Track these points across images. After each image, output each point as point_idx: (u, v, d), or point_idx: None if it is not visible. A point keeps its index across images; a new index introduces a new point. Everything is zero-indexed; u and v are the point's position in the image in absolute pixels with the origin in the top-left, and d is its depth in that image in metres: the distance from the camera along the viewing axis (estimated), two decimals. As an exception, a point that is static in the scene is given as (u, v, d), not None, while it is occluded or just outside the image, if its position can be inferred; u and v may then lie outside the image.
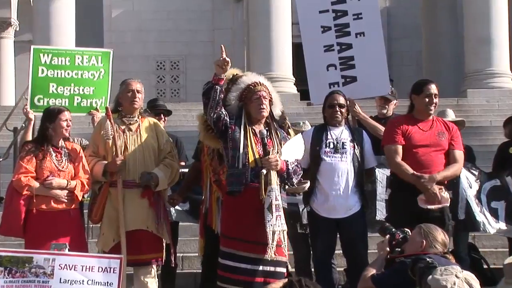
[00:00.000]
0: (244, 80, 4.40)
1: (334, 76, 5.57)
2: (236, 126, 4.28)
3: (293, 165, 4.34)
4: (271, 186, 4.15)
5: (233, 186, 4.19)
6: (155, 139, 4.78)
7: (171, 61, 19.07)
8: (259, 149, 4.26)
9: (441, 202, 4.60)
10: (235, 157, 4.22)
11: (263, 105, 4.31)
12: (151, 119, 4.91)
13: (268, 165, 4.19)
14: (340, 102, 4.87)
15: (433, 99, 4.74)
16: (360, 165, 4.79)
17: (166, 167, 4.75)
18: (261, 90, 4.34)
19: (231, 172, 4.21)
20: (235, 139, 4.23)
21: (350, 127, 4.95)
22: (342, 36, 5.58)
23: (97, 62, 5.87)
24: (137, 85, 4.79)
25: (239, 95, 4.35)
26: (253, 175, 4.20)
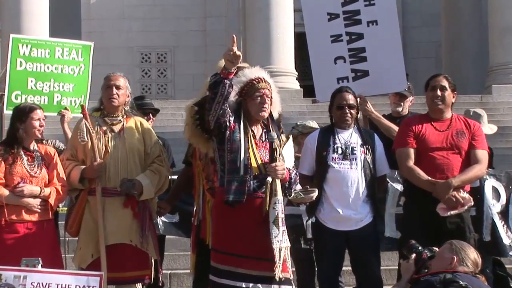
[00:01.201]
0: (246, 73, 4.38)
1: (343, 70, 5.57)
2: (236, 125, 4.25)
3: (293, 173, 4.36)
4: (277, 197, 4.14)
5: (234, 195, 4.16)
6: (141, 141, 4.79)
7: (157, 53, 19.08)
8: (261, 154, 4.25)
9: (463, 204, 4.60)
10: (235, 161, 4.19)
11: (266, 105, 4.30)
12: (138, 118, 4.91)
13: (274, 173, 4.16)
14: (349, 102, 4.86)
15: (438, 92, 4.73)
16: (372, 173, 4.79)
17: (153, 173, 4.75)
18: (264, 88, 4.33)
19: (231, 179, 4.18)
20: (235, 140, 4.21)
21: (360, 129, 4.95)
22: (351, 24, 5.57)
23: (77, 56, 5.88)
24: (118, 80, 4.79)
25: (239, 89, 4.34)
26: (256, 184, 4.19)
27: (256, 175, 4.19)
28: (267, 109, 4.33)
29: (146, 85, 19.00)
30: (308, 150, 4.89)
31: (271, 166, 4.17)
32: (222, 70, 4.18)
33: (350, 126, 4.87)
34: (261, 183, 4.18)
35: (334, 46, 5.61)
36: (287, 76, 14.45)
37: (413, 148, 4.74)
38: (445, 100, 4.77)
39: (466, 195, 4.62)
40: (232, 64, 4.14)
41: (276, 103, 4.48)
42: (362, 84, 5.50)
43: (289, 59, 14.46)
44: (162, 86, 19.08)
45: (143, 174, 4.71)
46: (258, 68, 4.44)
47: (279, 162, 4.18)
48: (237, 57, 4.12)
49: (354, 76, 5.58)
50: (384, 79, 5.55)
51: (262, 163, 4.21)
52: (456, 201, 4.57)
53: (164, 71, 19.09)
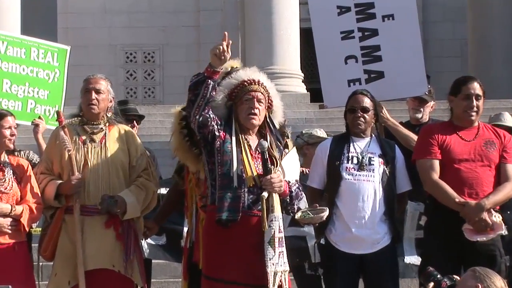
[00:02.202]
0: (240, 75, 4.39)
1: (355, 71, 5.57)
2: (226, 134, 4.27)
3: (295, 187, 4.38)
4: (274, 214, 4.15)
5: (227, 213, 4.17)
6: (126, 153, 4.80)
7: (144, 52, 19.12)
8: (257, 167, 4.26)
9: (494, 230, 4.60)
10: (228, 175, 4.20)
11: (255, 110, 4.30)
12: (122, 126, 4.93)
13: (270, 187, 4.18)
14: (363, 105, 4.87)
15: (474, 101, 4.75)
16: (392, 187, 4.79)
17: (139, 188, 4.77)
18: (256, 91, 4.33)
19: (223, 195, 4.20)
20: (226, 152, 4.23)
21: (380, 138, 4.95)
22: (365, 19, 5.58)
23: (53, 60, 5.93)
24: (98, 83, 4.81)
25: (229, 92, 4.36)
26: (251, 200, 4.22)
27: (251, 189, 4.21)
28: (257, 115, 4.33)
29: (131, 88, 19.02)
30: (318, 160, 4.90)
31: (266, 179, 4.18)
32: (206, 68, 4.19)
33: (366, 134, 4.89)
34: (257, 198, 4.20)
35: (344, 44, 5.61)
36: (292, 78, 14.46)
37: (437, 160, 4.74)
38: (479, 110, 4.79)
39: (498, 219, 4.61)
40: (219, 61, 4.15)
41: (277, 111, 4.48)
42: (377, 87, 5.49)
43: (294, 59, 14.47)
44: (149, 90, 19.10)
45: (128, 190, 4.72)
46: (254, 69, 4.45)
47: (274, 174, 4.20)
48: (225, 53, 4.12)
49: (368, 77, 5.58)
50: (402, 81, 5.56)
51: (258, 176, 4.23)
52: (485, 225, 4.57)
53: (152, 72, 19.11)
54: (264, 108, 4.37)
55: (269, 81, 4.48)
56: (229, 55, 4.19)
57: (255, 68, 4.46)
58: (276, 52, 14.21)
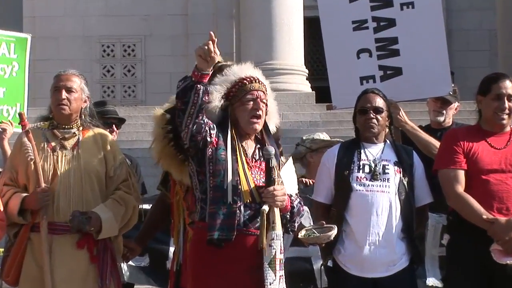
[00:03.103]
0: (236, 71, 4.40)
1: (368, 66, 5.59)
2: (219, 140, 4.28)
3: (296, 202, 4.39)
4: (275, 232, 4.16)
5: (220, 231, 4.17)
6: (102, 161, 4.80)
7: (123, 45, 19.14)
8: (255, 177, 4.28)
9: None
10: (221, 187, 4.21)
11: (259, 112, 4.32)
12: (99, 131, 4.93)
13: (272, 200, 4.18)
14: (375, 105, 4.89)
15: (505, 102, 4.78)
16: (410, 199, 4.80)
17: (117, 203, 4.76)
18: (259, 90, 4.36)
19: (215, 210, 4.20)
20: (220, 160, 4.24)
21: (395, 143, 4.97)
22: (380, 7, 5.60)
23: (9, 51, 5.90)
24: (70, 80, 4.82)
25: (225, 91, 4.36)
26: (248, 216, 4.22)
27: (247, 204, 4.22)
28: (262, 118, 4.35)
29: (109, 86, 19.04)
30: (325, 169, 4.91)
31: (268, 191, 4.18)
32: (193, 72, 4.19)
33: (379, 139, 4.90)
34: (254, 214, 4.20)
35: (356, 36, 5.62)
36: (294, 75, 14.50)
37: (462, 170, 4.76)
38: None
39: None
40: (205, 63, 4.15)
41: (272, 113, 4.48)
42: (393, 85, 5.51)
43: (297, 53, 14.51)
44: (129, 88, 19.12)
45: (103, 205, 4.72)
46: (249, 65, 4.46)
47: (278, 186, 4.20)
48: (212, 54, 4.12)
49: (383, 74, 5.59)
50: (422, 79, 5.56)
51: (256, 188, 4.24)
52: None
53: (132, 68, 19.12)
54: (265, 110, 4.39)
55: (265, 78, 4.50)
56: (218, 55, 4.19)
57: (250, 65, 4.47)
58: (276, 45, 14.25)
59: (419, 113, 8.75)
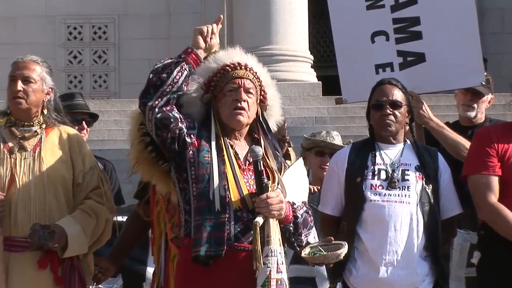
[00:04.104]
0: (220, 57, 4.41)
1: (385, 52, 5.60)
2: (202, 140, 4.30)
3: (302, 211, 4.40)
4: (271, 247, 4.16)
5: (207, 247, 4.20)
6: (69, 165, 4.79)
7: (93, 26, 19.12)
8: (247, 182, 4.29)
9: None
10: (205, 195, 4.22)
11: (241, 103, 4.33)
12: (66, 129, 4.92)
13: (266, 210, 4.19)
14: (393, 98, 4.90)
15: None
16: (434, 210, 4.81)
17: (86, 215, 4.76)
18: (242, 77, 4.37)
19: (201, 222, 4.22)
20: (203, 163, 4.26)
21: (417, 145, 4.97)
22: (398, -20, 5.64)
23: None
24: (28, 69, 4.81)
25: (206, 80, 4.37)
26: (240, 228, 4.23)
27: (238, 213, 4.23)
28: (246, 110, 4.35)
29: (75, 75, 19.02)
30: (333, 175, 4.92)
31: (261, 199, 4.19)
32: (185, 50, 4.23)
33: (398, 139, 4.90)
34: (247, 226, 4.22)
35: (371, 15, 5.64)
36: (297, 62, 14.50)
37: (496, 176, 4.76)
38: None
39: None
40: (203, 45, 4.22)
41: (273, 106, 4.50)
42: (415, 74, 5.51)
43: (301, 36, 14.51)
44: (100, 78, 19.11)
45: (70, 217, 4.72)
46: (238, 50, 4.47)
47: (272, 192, 4.21)
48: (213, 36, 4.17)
49: (402, 62, 5.60)
50: (449, 67, 5.57)
51: (250, 195, 4.26)
52: None
53: (104, 54, 19.11)
54: (254, 101, 4.40)
55: (261, 66, 4.51)
56: (217, 43, 4.23)
57: (240, 49, 4.47)
58: (275, 27, 14.25)
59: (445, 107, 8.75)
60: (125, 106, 13.60)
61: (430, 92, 5.72)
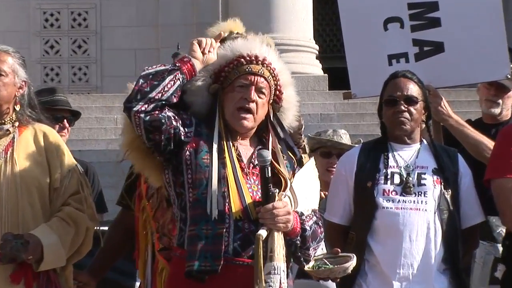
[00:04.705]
0: (237, 46, 4.40)
1: (399, 41, 5.63)
2: (200, 139, 4.31)
3: (311, 223, 4.40)
4: (274, 263, 4.16)
5: (202, 261, 4.20)
6: (45, 168, 4.80)
7: (72, 12, 19.18)
8: (250, 188, 4.30)
9: None
10: (202, 202, 4.23)
11: (249, 104, 4.33)
12: (42, 127, 4.91)
13: (270, 221, 4.18)
14: (408, 93, 4.92)
15: None
16: (454, 218, 4.83)
17: (64, 223, 4.75)
18: (257, 74, 4.36)
19: (196, 233, 4.23)
20: (201, 165, 4.27)
21: (434, 145, 4.99)
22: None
23: None
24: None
25: (217, 68, 4.37)
26: (240, 241, 4.23)
27: (239, 223, 4.24)
28: (253, 113, 4.34)
29: (52, 67, 19.10)
30: (341, 179, 4.95)
31: (266, 209, 4.18)
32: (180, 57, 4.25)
33: (413, 139, 4.92)
34: (248, 239, 4.22)
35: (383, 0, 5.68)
36: (300, 52, 14.54)
37: None
38: None
39: None
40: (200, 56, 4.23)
41: (288, 109, 4.49)
42: (432, 66, 5.54)
43: (304, 23, 14.55)
44: (80, 70, 19.18)
45: (46, 226, 4.72)
46: (259, 41, 4.46)
47: (279, 202, 4.20)
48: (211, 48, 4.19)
49: (419, 52, 5.63)
50: (471, 58, 5.59)
51: (253, 203, 4.26)
52: None
53: (84, 43, 19.19)
54: (265, 102, 4.38)
55: (281, 62, 4.50)
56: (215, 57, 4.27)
57: (261, 38, 4.47)
58: (276, 13, 14.29)
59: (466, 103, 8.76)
60: (108, 101, 13.63)
61: (450, 86, 5.72)
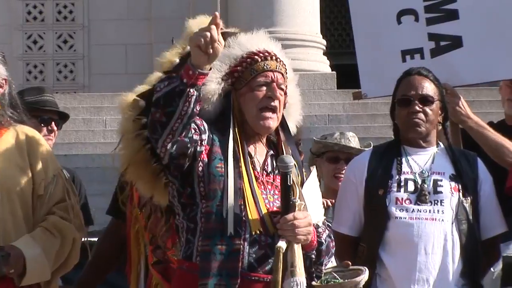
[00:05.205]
0: (243, 42, 4.42)
1: (414, 35, 5.65)
2: (213, 145, 4.31)
3: (325, 236, 4.45)
4: (296, 278, 4.18)
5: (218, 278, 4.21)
6: (29, 174, 4.81)
7: (57, 4, 19.20)
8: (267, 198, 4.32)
9: None
10: (217, 215, 4.24)
11: (274, 102, 4.37)
12: (24, 129, 4.92)
13: (291, 234, 4.20)
14: (424, 92, 4.94)
15: None
16: (474, 229, 4.84)
17: (49, 234, 4.77)
18: (275, 70, 4.41)
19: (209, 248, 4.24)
20: (215, 175, 4.29)
21: (452, 148, 5.00)
22: None
23: None
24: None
25: (228, 69, 4.38)
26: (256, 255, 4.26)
27: (256, 237, 4.25)
28: (278, 111, 4.39)
29: (36, 64, 19.12)
30: (350, 187, 4.98)
31: (286, 220, 4.20)
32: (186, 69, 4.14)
33: (429, 142, 4.95)
34: (265, 253, 4.26)
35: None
36: (306, 48, 14.57)
37: None
38: None
39: None
40: (205, 58, 4.13)
41: (293, 104, 4.54)
42: (450, 63, 5.57)
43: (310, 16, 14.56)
44: (65, 67, 19.19)
45: (29, 237, 4.74)
46: (263, 35, 4.48)
47: (300, 213, 4.21)
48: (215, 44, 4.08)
49: (435, 47, 5.65)
50: (491, 53, 5.60)
51: (268, 214, 4.28)
52: None
53: (70, 38, 19.19)
54: (283, 99, 4.42)
55: (285, 55, 4.53)
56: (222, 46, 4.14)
57: (264, 34, 4.48)
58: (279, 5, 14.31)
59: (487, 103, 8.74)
60: (96, 101, 13.64)
61: (469, 85, 5.70)
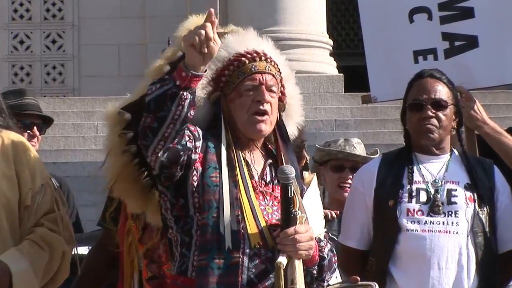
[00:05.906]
0: (230, 43, 4.43)
1: (427, 35, 5.65)
2: (207, 153, 4.34)
3: (327, 250, 4.48)
4: None
5: None
6: (14, 183, 4.81)
7: (45, 1, 19.11)
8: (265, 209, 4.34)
9: None
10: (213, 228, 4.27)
11: (264, 106, 4.39)
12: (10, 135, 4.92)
13: (291, 249, 4.23)
14: (436, 96, 4.96)
15: None
16: (490, 241, 4.85)
17: (37, 247, 4.76)
18: (264, 71, 4.43)
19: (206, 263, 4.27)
20: (210, 185, 4.32)
21: (467, 155, 5.01)
22: None
23: None
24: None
25: (214, 74, 4.40)
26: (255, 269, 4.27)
27: (255, 251, 4.27)
28: (269, 115, 4.39)
29: (22, 66, 19.03)
30: (357, 197, 4.98)
31: (287, 234, 4.23)
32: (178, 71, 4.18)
33: (442, 149, 4.96)
34: (265, 268, 4.28)
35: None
36: (312, 49, 14.51)
37: None
38: None
39: None
40: (199, 58, 4.15)
41: (293, 105, 4.55)
42: (465, 64, 5.57)
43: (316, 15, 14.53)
44: (54, 69, 19.11)
45: (16, 250, 4.74)
46: (252, 32, 4.50)
47: (301, 226, 4.24)
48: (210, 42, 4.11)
49: (449, 47, 5.66)
50: (509, 54, 5.60)
51: (267, 227, 4.30)
52: None
53: (59, 38, 19.13)
54: (277, 101, 4.43)
55: (279, 53, 4.54)
56: (218, 46, 4.17)
57: (253, 31, 4.50)
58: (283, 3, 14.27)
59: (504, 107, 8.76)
60: (87, 106, 13.61)
61: (485, 88, 5.73)
